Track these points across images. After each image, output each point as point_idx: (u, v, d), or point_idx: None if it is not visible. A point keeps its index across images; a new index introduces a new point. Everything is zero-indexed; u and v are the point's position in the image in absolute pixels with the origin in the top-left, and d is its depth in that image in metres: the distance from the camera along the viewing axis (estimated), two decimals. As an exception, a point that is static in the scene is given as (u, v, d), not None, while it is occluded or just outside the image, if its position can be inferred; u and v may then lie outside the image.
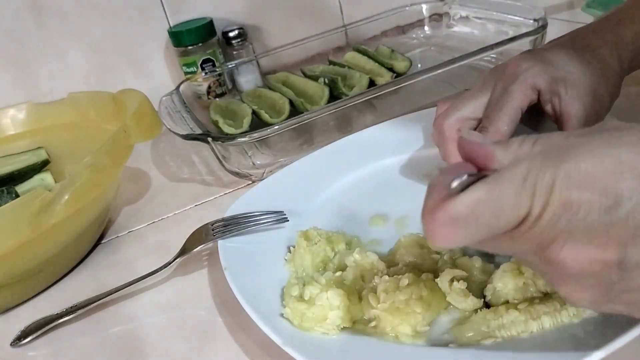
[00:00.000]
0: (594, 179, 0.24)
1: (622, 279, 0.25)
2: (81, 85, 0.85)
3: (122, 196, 0.66)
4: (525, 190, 0.24)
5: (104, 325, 0.46)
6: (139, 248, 0.56)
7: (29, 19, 0.80)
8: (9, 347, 0.45)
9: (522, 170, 0.25)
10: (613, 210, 0.24)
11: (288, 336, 0.35)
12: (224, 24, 0.86)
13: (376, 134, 0.57)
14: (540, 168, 0.25)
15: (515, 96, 0.44)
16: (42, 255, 0.49)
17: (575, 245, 0.25)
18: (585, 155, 0.24)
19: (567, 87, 0.43)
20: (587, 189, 0.24)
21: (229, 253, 0.44)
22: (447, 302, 0.36)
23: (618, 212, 0.24)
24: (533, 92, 0.44)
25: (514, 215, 0.25)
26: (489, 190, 0.25)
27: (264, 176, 0.59)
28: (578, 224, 0.24)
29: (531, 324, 0.33)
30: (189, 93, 0.76)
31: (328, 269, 0.43)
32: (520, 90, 0.44)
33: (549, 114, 0.45)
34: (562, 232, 0.25)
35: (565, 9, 0.90)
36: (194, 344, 0.42)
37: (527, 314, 0.33)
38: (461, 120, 0.47)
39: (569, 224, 0.24)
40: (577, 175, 0.24)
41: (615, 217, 0.24)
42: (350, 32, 0.89)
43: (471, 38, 0.81)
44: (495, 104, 0.45)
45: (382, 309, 0.36)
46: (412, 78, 0.61)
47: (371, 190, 0.53)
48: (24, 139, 0.70)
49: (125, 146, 0.54)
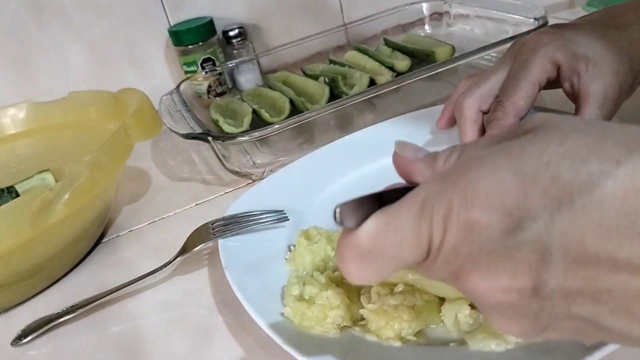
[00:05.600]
0: (493, 198, 0.21)
1: (544, 307, 0.22)
2: (81, 85, 0.85)
3: (123, 195, 0.66)
4: (423, 219, 0.22)
5: (105, 324, 0.46)
6: (140, 247, 0.56)
7: (29, 19, 0.80)
8: (9, 346, 0.45)
9: (421, 197, 0.23)
10: (517, 233, 0.21)
11: (288, 335, 0.35)
12: (224, 23, 0.86)
13: (376, 133, 0.57)
14: (437, 192, 0.22)
15: (533, 69, 0.42)
16: (42, 255, 0.49)
17: (481, 274, 0.22)
18: (484, 172, 0.22)
19: (588, 65, 0.41)
20: (486, 210, 0.21)
21: (229, 252, 0.44)
22: (440, 318, 0.35)
23: (522, 235, 0.21)
24: (553, 67, 0.42)
25: (417, 247, 0.23)
26: (388, 221, 0.23)
27: (264, 175, 0.59)
28: (481, 250, 0.22)
29: None
30: (189, 92, 0.76)
31: (328, 268, 0.43)
32: (538, 64, 0.42)
33: (567, 93, 0.43)
34: (466, 261, 0.22)
35: (566, 7, 0.89)
36: (194, 343, 0.42)
37: None
38: (480, 99, 0.45)
39: (471, 251, 0.22)
40: (475, 196, 0.21)
41: (519, 240, 0.21)
42: (351, 31, 0.89)
43: (471, 37, 0.81)
44: (513, 78, 0.43)
45: (370, 309, 0.36)
46: (412, 77, 0.61)
47: (371, 189, 0.52)
48: (24, 139, 0.70)
49: (125, 145, 0.54)
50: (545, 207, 0.21)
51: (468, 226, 0.22)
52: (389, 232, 0.23)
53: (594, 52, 0.41)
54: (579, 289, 0.21)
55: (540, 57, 0.42)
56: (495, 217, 0.21)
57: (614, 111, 0.42)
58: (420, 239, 0.23)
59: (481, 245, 0.22)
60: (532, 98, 0.43)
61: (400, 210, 0.23)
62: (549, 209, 0.21)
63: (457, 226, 0.22)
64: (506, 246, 0.21)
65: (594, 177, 0.20)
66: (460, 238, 0.22)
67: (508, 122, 0.43)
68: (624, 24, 0.44)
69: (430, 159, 0.26)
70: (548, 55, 0.42)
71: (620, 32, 0.43)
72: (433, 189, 0.23)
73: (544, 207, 0.21)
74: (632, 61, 0.42)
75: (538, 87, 0.43)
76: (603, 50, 0.42)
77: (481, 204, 0.21)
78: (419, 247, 0.23)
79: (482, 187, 0.21)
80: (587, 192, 0.20)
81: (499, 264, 0.22)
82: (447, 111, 0.52)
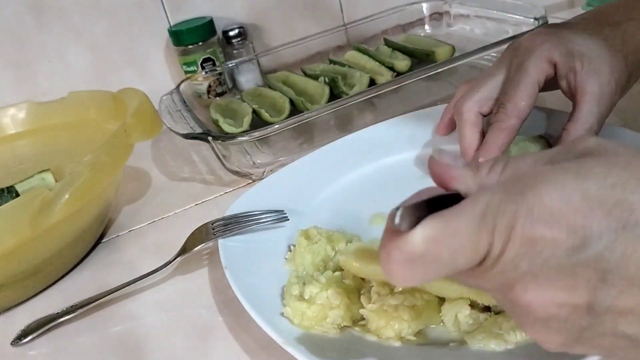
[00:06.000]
0: (559, 215, 0.22)
1: (592, 324, 0.23)
2: (81, 85, 0.85)
3: (123, 195, 0.66)
4: (484, 227, 0.23)
5: (105, 324, 0.46)
6: (140, 247, 0.56)
7: (29, 19, 0.80)
8: (9, 346, 0.45)
9: (482, 205, 0.23)
10: (581, 250, 0.22)
11: (288, 335, 0.35)
12: (224, 23, 0.86)
13: (376, 132, 0.57)
14: (500, 203, 0.23)
15: (531, 70, 0.43)
16: (42, 255, 0.49)
17: (540, 288, 0.23)
18: (551, 189, 0.22)
19: (583, 62, 0.41)
20: (552, 226, 0.22)
21: (229, 252, 0.44)
22: (440, 318, 0.35)
23: (586, 253, 0.22)
24: (549, 66, 0.43)
25: (473, 254, 0.23)
26: (446, 226, 0.23)
27: (264, 175, 0.59)
28: (543, 264, 0.22)
29: None
30: (189, 92, 0.76)
31: (328, 268, 0.43)
32: (535, 65, 0.43)
33: (564, 91, 0.43)
34: (526, 273, 0.23)
35: (566, 7, 0.89)
36: (194, 343, 0.42)
37: None
38: (480, 102, 0.46)
39: (533, 264, 0.22)
40: (541, 212, 0.22)
41: (582, 258, 0.22)
42: (351, 31, 0.89)
43: (471, 37, 0.81)
44: (511, 80, 0.44)
45: (370, 309, 0.36)
46: (412, 77, 0.61)
47: (372, 189, 0.53)
48: (24, 139, 0.70)
49: (125, 145, 0.54)
50: (610, 227, 0.22)
51: (532, 241, 0.22)
52: (446, 238, 0.23)
53: (588, 50, 0.42)
54: (631, 308, 0.22)
55: (536, 57, 0.43)
56: (560, 235, 0.22)
57: (610, 108, 0.43)
58: (478, 247, 0.23)
59: (544, 260, 0.22)
60: (532, 99, 0.43)
61: (459, 217, 0.23)
62: (614, 230, 0.21)
63: (521, 240, 0.22)
64: (569, 263, 0.22)
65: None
66: (522, 251, 0.22)
67: (509, 124, 0.43)
68: (618, 22, 0.44)
69: (471, 167, 0.26)
70: (544, 55, 0.43)
71: (614, 30, 0.43)
72: (496, 198, 0.23)
73: (608, 227, 0.22)
74: (627, 58, 0.43)
75: (537, 87, 0.43)
76: (598, 48, 0.42)
77: (548, 220, 0.22)
78: (475, 255, 0.23)
79: (549, 202, 0.22)
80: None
81: (558, 280, 0.22)
82: (446, 116, 0.52)
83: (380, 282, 0.37)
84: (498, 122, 0.44)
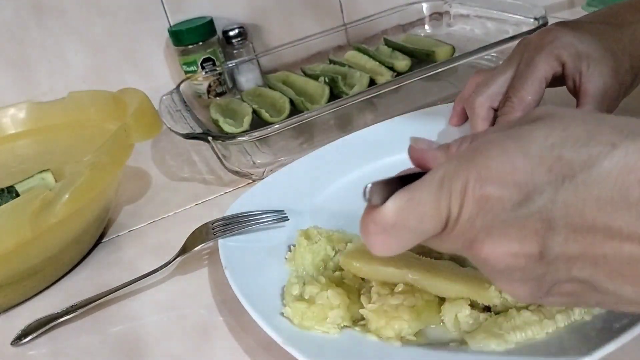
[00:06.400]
0: (504, 175, 0.24)
1: (548, 271, 0.25)
2: (81, 85, 0.85)
3: (123, 195, 0.66)
4: (443, 193, 0.25)
5: (104, 324, 0.46)
6: (140, 247, 0.56)
7: (29, 19, 0.80)
8: (9, 346, 0.45)
9: (440, 175, 0.26)
10: (526, 204, 0.24)
11: (288, 335, 0.35)
12: (224, 23, 0.86)
13: (376, 132, 0.57)
14: (454, 171, 0.25)
15: (540, 67, 0.44)
16: (42, 255, 0.49)
17: (494, 241, 0.25)
18: (495, 153, 0.25)
19: (589, 63, 0.42)
20: (498, 185, 0.24)
21: (229, 252, 0.44)
22: (440, 318, 0.35)
23: (531, 206, 0.24)
24: (557, 64, 0.44)
25: (437, 219, 0.26)
26: (411, 196, 0.26)
27: (264, 175, 0.59)
28: (494, 220, 0.25)
29: (547, 323, 0.32)
30: (189, 92, 0.76)
31: (328, 268, 0.43)
32: (544, 61, 0.44)
33: (570, 90, 0.45)
34: (481, 230, 0.25)
35: (566, 7, 0.89)
36: (194, 343, 0.42)
37: (540, 314, 0.33)
38: (491, 97, 0.47)
39: (485, 221, 0.25)
40: (487, 173, 0.24)
41: (528, 211, 0.24)
42: (351, 31, 0.89)
43: (472, 37, 0.81)
44: (520, 75, 0.45)
45: (370, 309, 0.36)
46: (412, 77, 0.61)
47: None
48: (24, 139, 0.70)
49: (125, 145, 0.54)
50: (550, 182, 0.24)
51: (482, 199, 0.25)
52: (412, 207, 0.26)
53: (595, 51, 0.43)
54: (579, 254, 0.24)
55: (545, 54, 0.44)
56: (506, 192, 0.24)
57: (612, 109, 0.44)
58: (440, 211, 0.26)
59: (494, 216, 0.25)
60: (539, 93, 0.44)
61: (421, 188, 0.26)
62: (554, 184, 0.24)
63: (473, 200, 0.25)
64: (516, 216, 0.24)
65: (593, 157, 0.23)
66: (475, 210, 0.25)
67: (515, 117, 0.45)
68: (626, 22, 0.45)
69: (443, 147, 0.29)
70: (553, 53, 0.44)
71: (622, 30, 0.44)
72: (450, 167, 0.26)
73: (549, 182, 0.24)
74: (633, 59, 0.44)
75: (544, 82, 0.44)
76: (604, 49, 0.43)
77: (494, 180, 0.24)
78: (438, 219, 0.26)
79: (494, 165, 0.24)
80: (587, 169, 0.23)
81: (509, 232, 0.25)
82: (457, 107, 0.53)
83: (380, 282, 0.37)
84: (504, 115, 0.45)
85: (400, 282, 0.36)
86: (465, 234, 0.26)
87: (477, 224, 0.25)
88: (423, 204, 0.26)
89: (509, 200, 0.24)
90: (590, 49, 0.43)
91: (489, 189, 0.24)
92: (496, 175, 0.24)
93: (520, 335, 0.32)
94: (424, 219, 0.26)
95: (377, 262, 0.37)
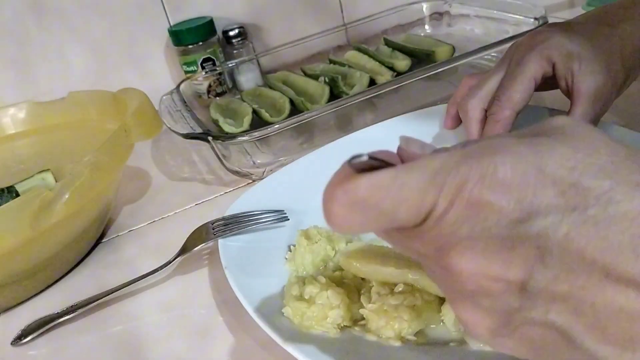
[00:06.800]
0: (510, 185, 0.21)
1: (523, 306, 0.22)
2: (81, 84, 0.85)
3: (123, 195, 0.66)
4: (433, 184, 0.22)
5: (105, 324, 0.46)
6: (140, 247, 0.56)
7: (29, 19, 0.80)
8: (9, 346, 0.45)
9: (437, 163, 0.22)
10: (525, 223, 0.21)
11: (288, 335, 0.35)
12: (224, 22, 0.86)
13: (376, 132, 0.57)
14: (455, 164, 0.22)
15: (529, 66, 0.44)
16: (43, 255, 0.49)
17: (475, 256, 0.22)
18: (507, 159, 0.22)
19: (580, 63, 0.42)
20: (501, 195, 0.21)
21: (229, 252, 0.44)
22: (440, 318, 0.36)
23: (528, 228, 0.21)
24: (547, 64, 0.44)
25: (416, 210, 0.22)
26: (395, 176, 0.22)
27: (264, 175, 0.59)
28: (483, 232, 0.22)
29: None
30: (189, 92, 0.76)
31: (328, 268, 0.43)
32: (534, 61, 0.44)
33: (563, 91, 0.45)
34: (464, 239, 0.22)
35: (566, 7, 0.89)
36: (194, 343, 0.42)
37: None
38: (483, 99, 0.47)
39: (473, 230, 0.22)
40: (492, 179, 0.22)
41: (524, 233, 0.21)
42: (351, 31, 0.89)
43: (472, 37, 0.81)
44: (509, 75, 0.45)
45: (370, 309, 0.36)
46: (412, 77, 0.61)
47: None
48: (24, 138, 0.70)
49: (125, 145, 0.54)
50: (559, 208, 0.21)
51: (478, 206, 0.22)
52: (393, 187, 0.22)
53: (587, 51, 0.42)
54: (566, 294, 0.21)
55: (535, 54, 0.44)
56: (508, 204, 0.21)
57: (606, 108, 0.44)
58: (422, 203, 0.22)
59: (484, 228, 0.22)
60: (527, 92, 0.44)
61: (411, 169, 0.22)
62: (562, 211, 0.21)
63: (467, 203, 0.22)
64: (509, 235, 0.21)
65: (613, 193, 0.21)
66: (464, 215, 0.22)
67: (503, 115, 0.45)
68: (618, 22, 0.45)
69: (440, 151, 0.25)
70: (544, 53, 0.43)
71: (613, 30, 0.44)
72: (452, 159, 0.22)
73: (557, 207, 0.21)
74: (624, 58, 0.43)
75: (533, 82, 0.44)
76: (595, 48, 0.43)
77: (498, 188, 0.21)
78: (417, 211, 0.22)
79: (503, 171, 0.22)
80: (602, 205, 0.21)
81: (496, 251, 0.22)
82: (451, 110, 0.53)
83: (380, 282, 0.37)
84: (492, 114, 0.45)
85: (400, 282, 0.36)
86: (442, 238, 0.23)
87: (462, 230, 0.22)
88: (407, 188, 0.22)
89: (507, 215, 0.21)
90: (581, 49, 0.42)
91: (489, 195, 0.21)
92: (502, 182, 0.21)
93: None
94: (401, 206, 0.22)
95: (377, 262, 0.37)
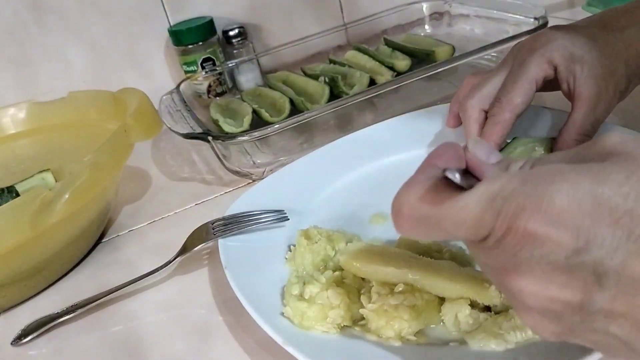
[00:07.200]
0: (567, 216, 0.22)
1: (585, 321, 0.23)
2: (81, 84, 0.84)
3: (123, 195, 0.66)
4: (490, 210, 0.23)
5: (105, 324, 0.46)
6: (140, 247, 0.56)
7: (29, 19, 0.80)
8: (9, 346, 0.45)
9: (495, 189, 0.24)
10: (581, 253, 0.22)
11: (288, 335, 0.35)
12: (224, 22, 0.86)
13: (376, 132, 0.57)
14: (512, 191, 0.23)
15: (531, 68, 0.44)
16: (42, 255, 0.49)
17: (535, 279, 0.23)
18: (565, 188, 0.22)
19: (583, 66, 0.42)
20: (558, 226, 0.22)
21: (229, 252, 0.44)
22: (440, 318, 0.36)
23: (586, 257, 0.22)
24: (549, 67, 0.44)
25: (474, 232, 0.24)
26: (458, 200, 0.24)
27: (264, 175, 0.59)
28: (541, 259, 0.23)
29: None
30: (189, 92, 0.76)
31: (328, 267, 0.43)
32: (535, 63, 0.44)
33: (565, 93, 0.44)
34: (524, 263, 0.23)
35: (566, 7, 0.89)
36: (195, 343, 0.42)
37: None
38: (483, 99, 0.47)
39: (532, 257, 0.23)
40: (549, 209, 0.22)
41: (581, 261, 0.22)
42: (351, 31, 0.89)
43: (472, 36, 0.81)
44: (510, 77, 0.45)
45: (370, 309, 0.36)
46: (412, 77, 0.61)
47: (371, 188, 0.53)
48: (24, 138, 0.70)
49: (125, 145, 0.54)
50: (615, 236, 0.22)
51: (535, 237, 0.23)
52: (453, 210, 0.24)
53: (589, 54, 0.42)
54: (624, 313, 0.23)
55: (537, 57, 0.44)
56: (564, 236, 0.22)
57: (607, 113, 0.44)
58: (480, 227, 0.24)
59: (543, 255, 0.23)
60: (528, 95, 0.44)
61: (471, 193, 0.24)
62: (617, 239, 0.22)
63: (523, 232, 0.23)
64: (567, 263, 0.23)
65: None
66: (522, 242, 0.23)
67: (503, 118, 0.45)
68: (621, 26, 0.44)
69: (503, 165, 0.27)
70: (545, 55, 0.43)
71: (617, 35, 0.44)
72: (509, 186, 0.23)
73: (612, 236, 0.22)
74: (627, 63, 0.43)
75: (535, 84, 0.44)
76: (599, 53, 0.43)
77: (554, 219, 0.22)
78: (475, 233, 0.24)
79: (559, 201, 0.22)
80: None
81: (555, 276, 0.23)
82: (454, 108, 0.53)
83: (380, 282, 0.37)
84: (493, 116, 0.46)
85: (400, 282, 0.36)
86: (505, 257, 0.24)
87: (522, 255, 0.23)
88: (466, 211, 0.24)
89: (565, 246, 0.22)
90: (584, 53, 0.42)
91: (545, 227, 0.22)
92: (558, 214, 0.22)
93: (520, 335, 0.32)
94: (461, 226, 0.24)
95: (377, 262, 0.37)
